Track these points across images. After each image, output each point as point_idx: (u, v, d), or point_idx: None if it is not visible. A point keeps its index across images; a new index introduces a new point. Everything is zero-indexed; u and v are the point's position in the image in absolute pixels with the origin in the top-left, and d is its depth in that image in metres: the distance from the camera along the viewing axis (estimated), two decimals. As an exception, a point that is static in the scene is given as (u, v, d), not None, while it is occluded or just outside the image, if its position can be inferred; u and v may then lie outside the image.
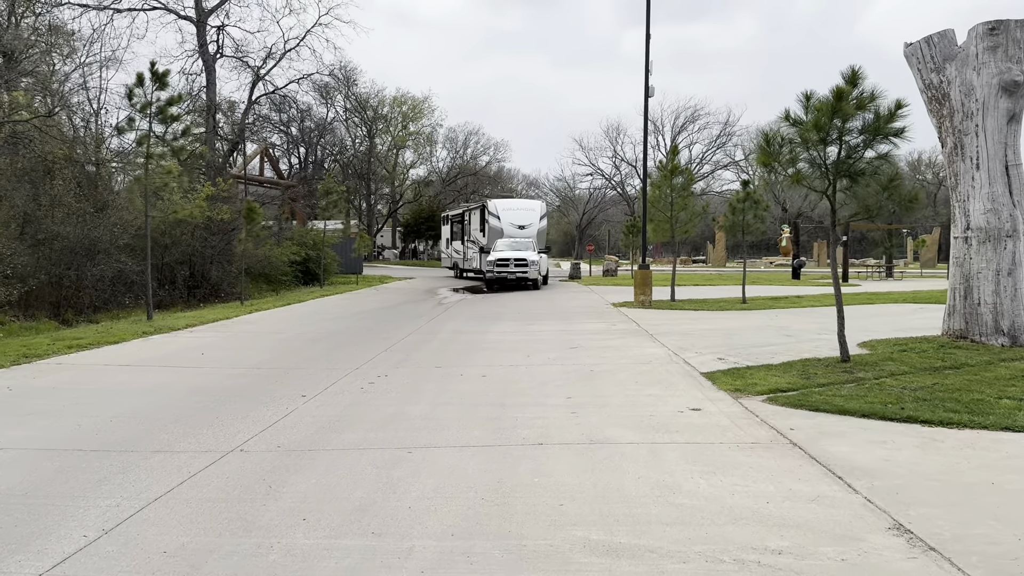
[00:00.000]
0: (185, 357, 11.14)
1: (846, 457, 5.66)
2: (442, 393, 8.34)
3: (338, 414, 7.34)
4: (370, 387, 8.75)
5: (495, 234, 32.52)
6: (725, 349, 11.41)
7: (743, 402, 7.65)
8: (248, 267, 26.67)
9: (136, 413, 7.46)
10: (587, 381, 8.93)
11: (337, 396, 8.23)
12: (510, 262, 27.25)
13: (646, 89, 19.00)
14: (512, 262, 27.26)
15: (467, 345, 12.38)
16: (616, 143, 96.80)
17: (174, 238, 21.57)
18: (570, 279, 36.08)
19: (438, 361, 10.70)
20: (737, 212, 20.01)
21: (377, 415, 7.29)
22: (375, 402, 7.91)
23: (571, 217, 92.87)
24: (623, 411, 7.30)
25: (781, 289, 26.76)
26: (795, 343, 12.12)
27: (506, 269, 27.22)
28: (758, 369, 9.44)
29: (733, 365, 9.81)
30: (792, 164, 9.45)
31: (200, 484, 5.20)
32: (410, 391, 8.49)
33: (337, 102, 67.17)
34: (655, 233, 21.05)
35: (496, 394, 8.24)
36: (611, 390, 8.36)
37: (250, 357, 11.17)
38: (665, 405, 7.55)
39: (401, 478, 5.27)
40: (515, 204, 36.10)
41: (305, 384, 8.94)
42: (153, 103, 15.50)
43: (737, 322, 15.45)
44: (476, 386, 8.72)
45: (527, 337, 13.30)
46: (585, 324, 15.42)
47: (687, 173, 20.68)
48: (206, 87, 31.51)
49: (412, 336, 13.69)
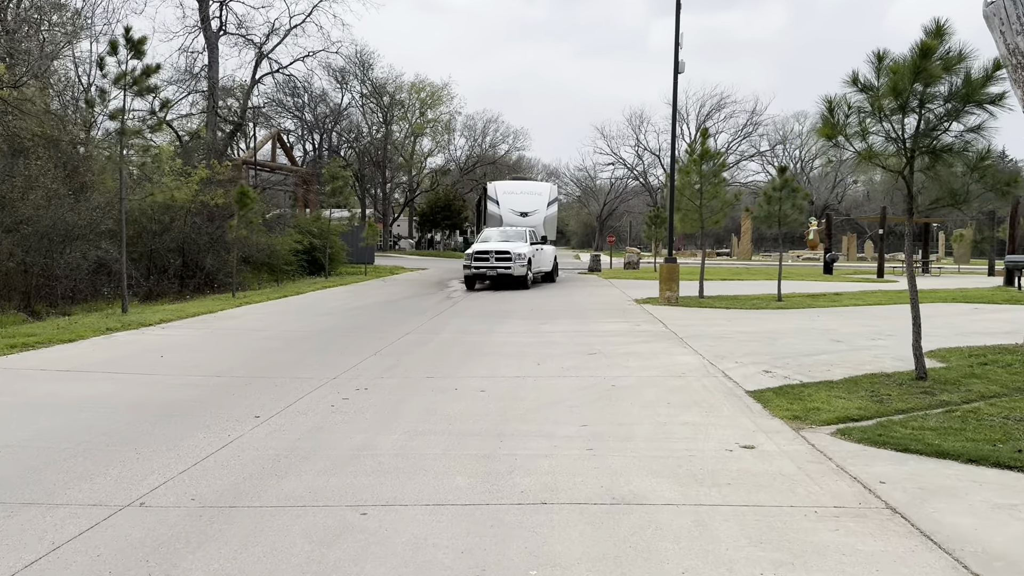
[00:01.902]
0: (140, 361, 9.62)
1: (972, 535, 4.01)
2: (427, 416, 6.74)
3: (289, 446, 5.76)
4: (343, 404, 7.17)
5: (494, 221, 28.26)
6: (769, 358, 9.73)
7: (807, 435, 5.98)
8: (249, 256, 25.25)
9: (42, 438, 5.93)
10: (607, 401, 7.30)
11: (297, 418, 6.66)
12: (490, 255, 22.66)
13: (676, 63, 17.24)
14: (493, 255, 22.61)
15: (469, 348, 10.78)
16: (639, 131, 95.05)
17: (164, 224, 20.09)
18: (590, 272, 34.39)
19: (432, 369, 9.11)
20: (773, 201, 18.24)
21: (338, 449, 5.71)
22: (341, 428, 6.32)
23: (591, 208, 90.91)
24: (654, 448, 5.66)
25: (815, 285, 24.94)
26: (849, 351, 10.42)
27: (485, 264, 22.61)
28: (816, 387, 7.76)
29: (784, 381, 8.13)
30: (862, 138, 7.73)
31: (47, 572, 3.63)
32: (389, 412, 6.89)
33: (353, 87, 65.72)
34: (682, 223, 19.31)
35: (494, 418, 6.63)
36: (637, 414, 6.72)
37: (216, 361, 9.63)
38: (708, 439, 5.90)
39: (338, 565, 3.68)
40: (518, 187, 31.01)
41: (266, 399, 7.38)
42: (128, 73, 13.96)
43: (777, 323, 13.73)
44: (471, 406, 7.12)
45: (538, 339, 11.68)
46: (605, 324, 13.77)
47: (718, 158, 18.92)
48: (208, 66, 30.00)
49: (410, 336, 12.11)
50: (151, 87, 13.98)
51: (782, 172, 18.49)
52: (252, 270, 26.06)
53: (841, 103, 7.89)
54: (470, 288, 22.74)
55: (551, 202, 29.87)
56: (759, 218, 18.90)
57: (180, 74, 31.24)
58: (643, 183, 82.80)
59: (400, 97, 71.25)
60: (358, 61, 62.42)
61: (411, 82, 73.21)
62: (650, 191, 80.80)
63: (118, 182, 13.79)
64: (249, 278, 24.73)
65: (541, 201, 29.28)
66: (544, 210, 29.04)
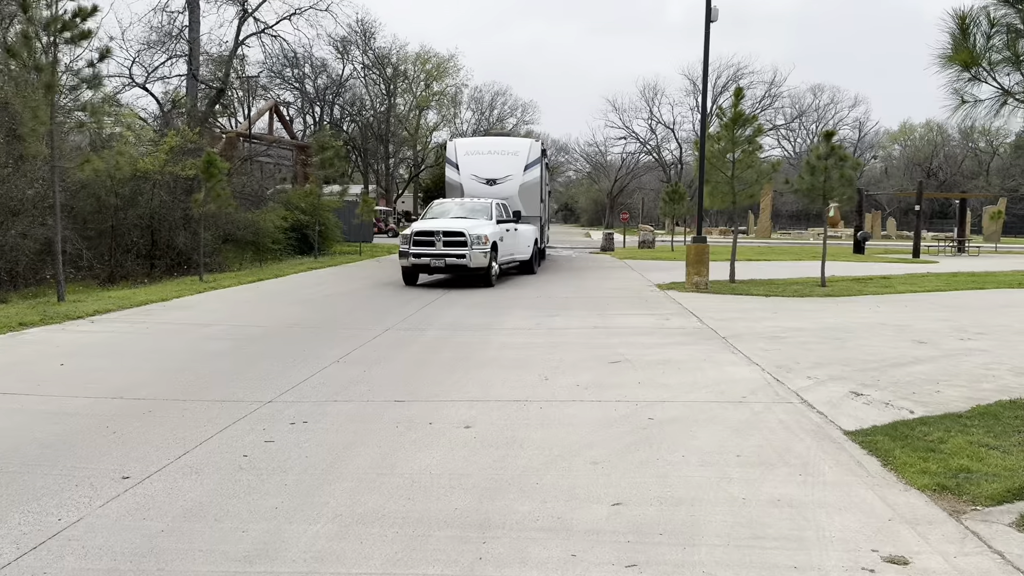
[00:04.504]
0: (26, 372, 7.39)
1: None
2: (379, 479, 4.49)
3: (137, 549, 3.52)
4: (261, 454, 4.92)
5: (453, 192, 20.91)
6: (850, 371, 7.43)
7: (981, 531, 3.70)
8: (231, 234, 23.00)
9: None
10: (646, 449, 5.02)
11: (183, 482, 4.42)
12: (435, 237, 15.57)
13: (708, 8, 14.79)
14: (439, 238, 15.53)
15: (459, 353, 8.51)
16: (653, 104, 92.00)
17: (125, 198, 17.79)
18: (602, 251, 32.00)
19: (406, 387, 6.85)
20: (817, 172, 15.83)
21: (212, 556, 3.46)
22: (239, 505, 4.08)
23: (602, 184, 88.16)
24: (740, 564, 3.39)
25: (854, 266, 22.56)
26: (944, 358, 8.11)
27: (429, 251, 15.54)
28: (940, 424, 5.45)
29: (890, 412, 5.82)
30: (1015, 64, 5.37)
31: None
32: (323, 470, 4.64)
33: (355, 58, 63.08)
34: (711, 198, 16.89)
35: (479, 484, 4.37)
36: (697, 480, 4.44)
37: (125, 373, 7.38)
38: (822, 541, 3.62)
39: None
40: (485, 145, 22.52)
41: (156, 441, 5.14)
42: (60, 16, 11.64)
43: (834, 316, 11.41)
44: (448, 457, 4.86)
45: (547, 340, 9.39)
46: (628, 318, 11.46)
47: (753, 122, 16.46)
48: (188, 27, 27.62)
49: (390, 333, 9.86)
50: (84, 33, 11.65)
51: (828, 138, 16.03)
52: (235, 249, 23.80)
53: (979, 18, 5.52)
54: (411, 284, 16.18)
55: (531, 164, 21.28)
56: (800, 191, 16.50)
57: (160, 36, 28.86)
58: (656, 158, 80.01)
59: (404, 68, 68.64)
60: (359, 30, 59.76)
61: (416, 53, 70.62)
62: (663, 166, 78.04)
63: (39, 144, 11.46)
64: (230, 258, 22.47)
65: (516, 164, 21.06)
66: (520, 175, 20.96)
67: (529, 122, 78.43)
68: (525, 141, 22.76)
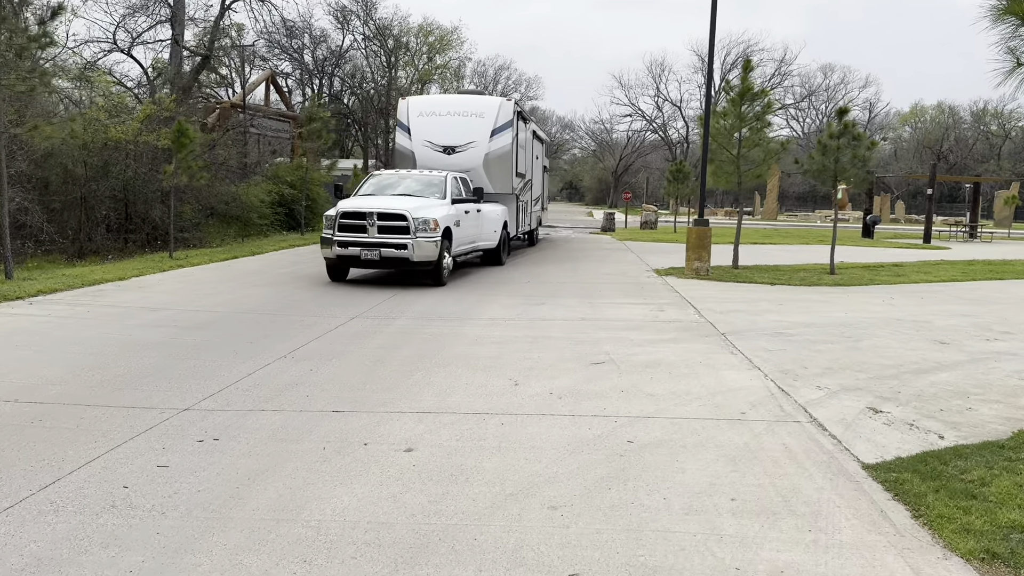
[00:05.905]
0: (-78, 365, 6.47)
1: None
2: (275, 532, 3.55)
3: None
4: (143, 486, 4.00)
5: (405, 163, 16.46)
6: (865, 377, 6.48)
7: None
8: (214, 208, 22.03)
9: None
10: (620, 487, 4.08)
11: (27, 527, 3.50)
12: (368, 221, 11.94)
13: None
14: (373, 222, 11.91)
15: (424, 348, 7.57)
16: (660, 80, 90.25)
17: (95, 168, 16.79)
18: (603, 232, 30.96)
19: (351, 391, 5.91)
20: (829, 152, 14.79)
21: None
22: (83, 568, 3.15)
23: (607, 163, 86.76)
24: None
25: (863, 252, 21.52)
26: (971, 363, 7.18)
27: (359, 239, 11.93)
28: (980, 457, 4.50)
29: (916, 438, 4.87)
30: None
31: None
32: (213, 512, 3.71)
33: (356, 28, 61.63)
34: (715, 177, 15.86)
35: (399, 545, 3.43)
36: (678, 536, 3.51)
37: (35, 369, 6.45)
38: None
39: None
40: (442, 104, 17.64)
41: (22, 467, 4.24)
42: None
43: (845, 310, 10.44)
44: (372, 497, 3.92)
45: (526, 333, 8.44)
46: (619, 308, 10.51)
47: (763, 97, 15.39)
48: (172, -13, 26.47)
49: (355, 322, 8.92)
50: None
51: (841, 115, 14.97)
52: (220, 224, 22.84)
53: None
54: (336, 280, 12.67)
55: (500, 129, 16.57)
56: (810, 172, 15.48)
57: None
58: (662, 136, 78.62)
59: (406, 40, 67.16)
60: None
61: (419, 24, 69.04)
62: (669, 145, 76.65)
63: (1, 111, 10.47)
64: (212, 233, 21.50)
65: (481, 128, 16.50)
66: (486, 143, 16.42)
67: (534, 97, 77.06)
68: (494, 100, 17.82)
